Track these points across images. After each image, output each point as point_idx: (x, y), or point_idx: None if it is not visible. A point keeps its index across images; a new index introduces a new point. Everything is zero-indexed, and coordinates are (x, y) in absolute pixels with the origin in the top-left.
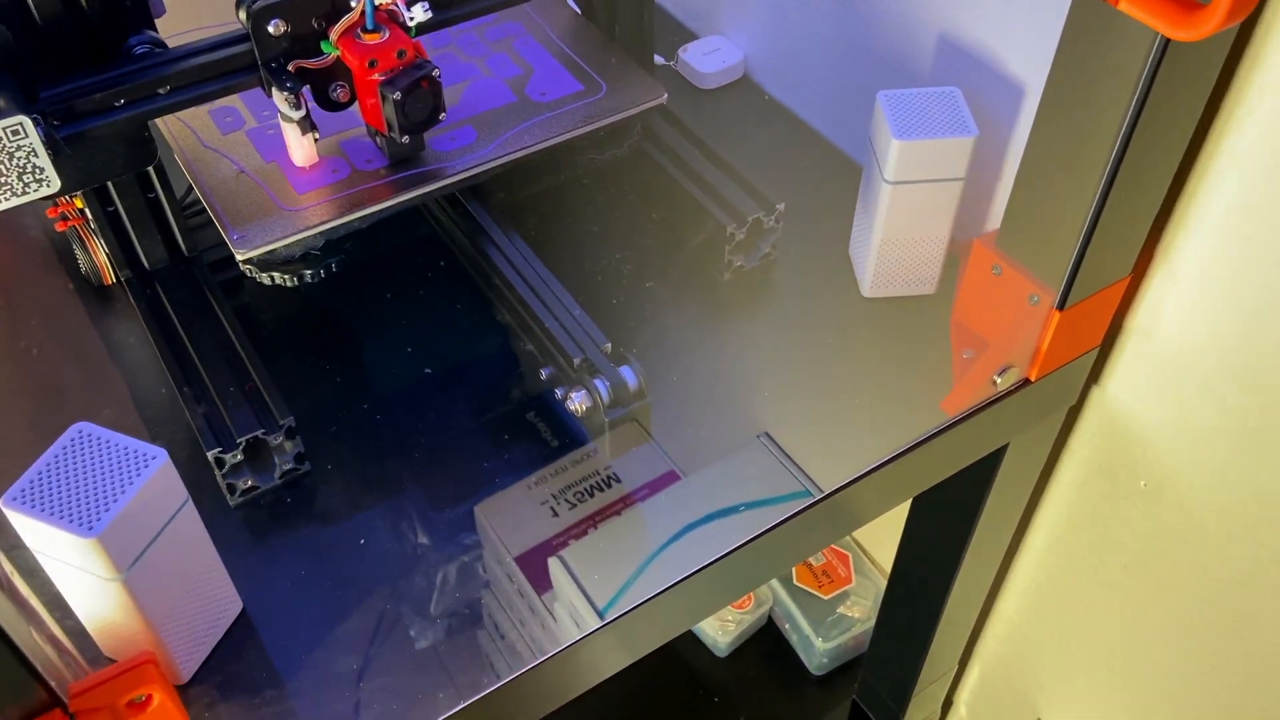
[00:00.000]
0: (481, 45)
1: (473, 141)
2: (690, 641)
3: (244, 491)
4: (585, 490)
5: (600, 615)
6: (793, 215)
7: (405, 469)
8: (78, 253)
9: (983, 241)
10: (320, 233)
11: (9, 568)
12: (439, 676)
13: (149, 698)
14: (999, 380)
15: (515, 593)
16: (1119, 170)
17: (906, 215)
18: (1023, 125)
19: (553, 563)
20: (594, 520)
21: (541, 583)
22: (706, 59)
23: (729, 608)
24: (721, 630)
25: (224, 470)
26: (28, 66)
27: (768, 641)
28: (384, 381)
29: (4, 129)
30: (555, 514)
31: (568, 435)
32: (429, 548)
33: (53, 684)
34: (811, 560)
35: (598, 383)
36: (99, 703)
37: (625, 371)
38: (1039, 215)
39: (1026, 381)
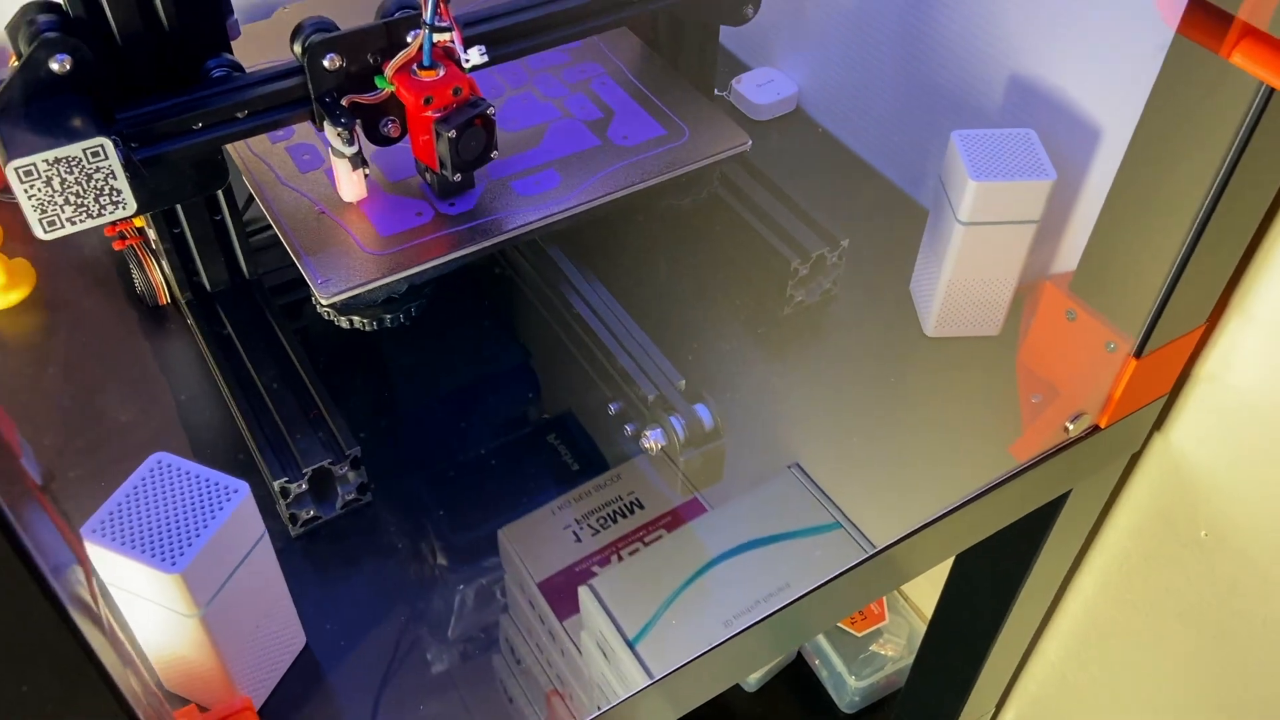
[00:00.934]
0: (560, 86)
1: (556, 186)
2: None
3: (305, 522)
4: (608, 515)
5: (630, 645)
6: (852, 251)
7: (464, 502)
8: (134, 272)
9: (1055, 284)
10: (404, 278)
11: (106, 608)
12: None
13: None
14: (1071, 427)
15: (536, 618)
16: (1210, 219)
17: (978, 256)
18: (1095, 167)
19: (583, 591)
20: (616, 547)
21: (563, 608)
22: (760, 90)
23: None
24: None
25: (289, 500)
26: (106, 88)
27: (798, 678)
28: (447, 415)
29: (84, 150)
30: (578, 539)
31: (589, 458)
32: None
33: None
34: None
35: (673, 420)
36: None
37: (700, 409)
38: (1120, 261)
39: (1096, 428)
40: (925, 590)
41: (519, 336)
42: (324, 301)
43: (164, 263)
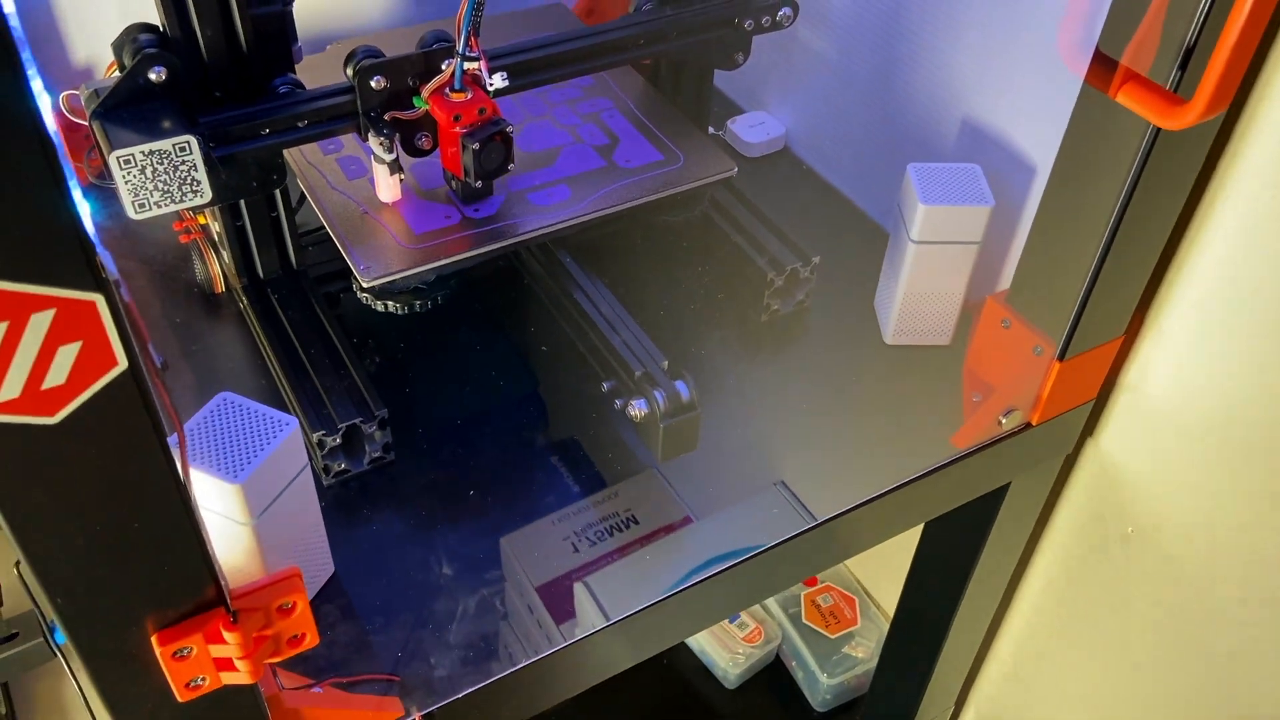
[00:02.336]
0: (574, 116)
1: (567, 199)
2: (701, 673)
3: (337, 473)
4: (605, 529)
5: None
6: (823, 269)
7: (474, 469)
8: (195, 263)
9: (994, 298)
10: (434, 269)
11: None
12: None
13: (294, 605)
14: (1004, 420)
15: (534, 623)
16: (1113, 241)
17: (928, 272)
18: (1033, 198)
19: (578, 587)
20: (612, 558)
21: (560, 613)
22: (752, 130)
23: (739, 640)
24: (732, 662)
25: (324, 452)
26: (192, 96)
27: (775, 677)
28: (461, 389)
29: (174, 145)
30: (576, 549)
31: (594, 472)
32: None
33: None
34: (820, 601)
35: (656, 393)
36: (256, 604)
37: (679, 385)
38: (1045, 276)
39: (1028, 425)
40: (895, 598)
41: (525, 324)
42: (365, 284)
43: (223, 254)
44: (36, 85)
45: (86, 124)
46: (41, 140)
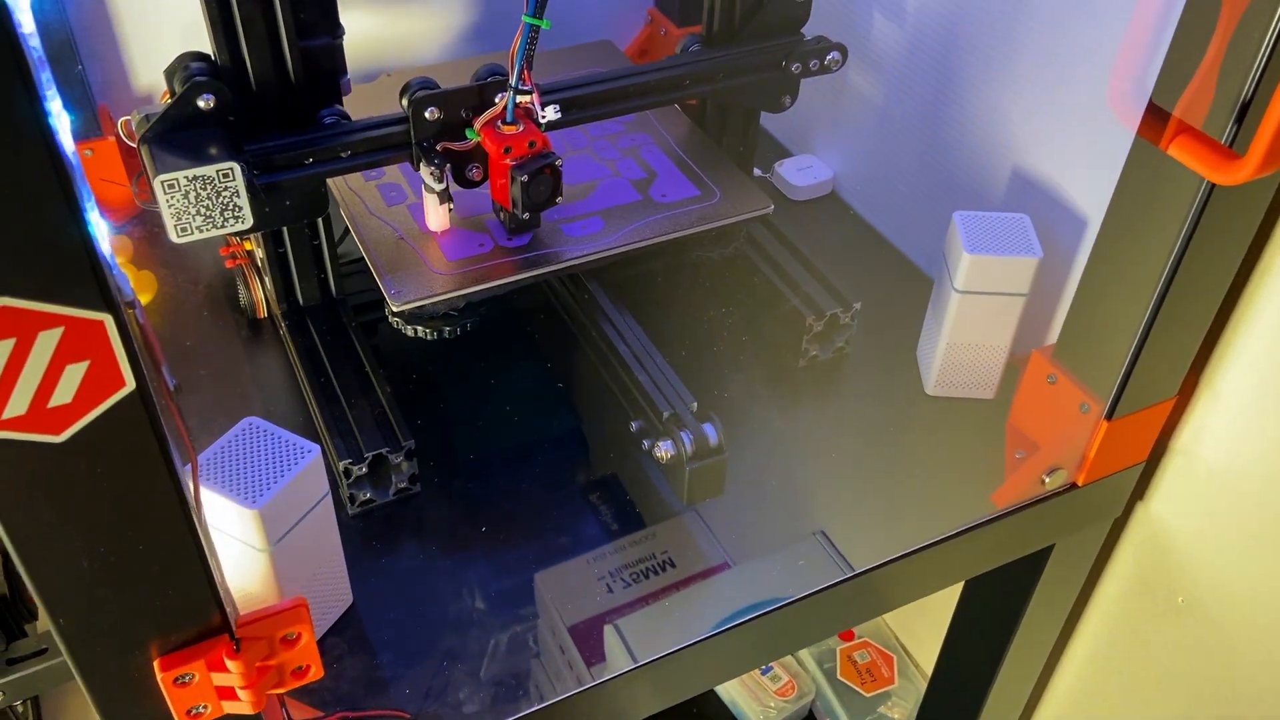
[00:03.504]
0: (614, 150)
1: (600, 230)
2: None
3: (362, 503)
4: (641, 571)
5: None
6: (866, 316)
7: (501, 504)
8: (240, 288)
9: (1041, 352)
10: (464, 295)
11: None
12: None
13: (299, 636)
14: (1047, 480)
15: (565, 663)
16: (1165, 297)
17: (972, 322)
18: (1083, 251)
19: (608, 630)
20: (646, 602)
21: (590, 653)
22: (799, 174)
23: (771, 693)
24: (763, 715)
25: (350, 481)
26: (239, 124)
27: None
28: (490, 421)
29: (217, 171)
30: (610, 590)
31: (634, 514)
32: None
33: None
34: (856, 657)
35: (683, 435)
36: (260, 634)
37: (708, 428)
38: (1094, 332)
39: (1074, 486)
40: (933, 654)
41: (557, 359)
42: (395, 308)
43: (266, 280)
44: (55, 105)
45: None
46: (54, 158)
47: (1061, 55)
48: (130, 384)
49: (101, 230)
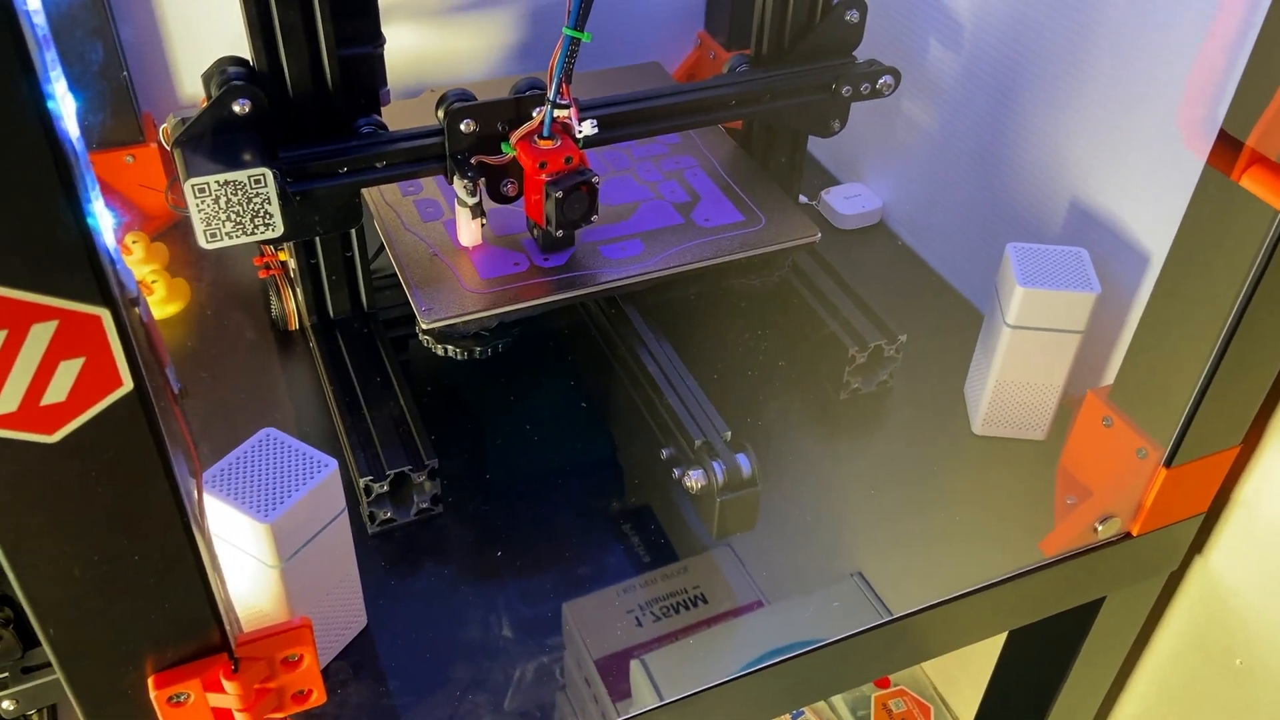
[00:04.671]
0: (657, 172)
1: (639, 253)
2: None
3: (382, 522)
4: (672, 605)
5: None
6: (912, 350)
7: (524, 529)
8: (272, 299)
9: (1096, 393)
10: (495, 315)
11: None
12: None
13: (301, 658)
14: (1100, 528)
15: (590, 696)
16: (1233, 339)
17: (1024, 360)
18: (1145, 288)
19: (634, 665)
20: (675, 637)
21: (616, 688)
22: (847, 202)
23: None
24: None
25: (370, 499)
26: (274, 130)
27: None
28: (518, 444)
29: (249, 177)
30: (639, 624)
31: (666, 546)
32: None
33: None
34: (892, 705)
35: (715, 465)
36: (259, 654)
37: (741, 458)
38: (1154, 373)
39: (1128, 535)
40: (974, 708)
41: (589, 382)
42: (425, 326)
43: (298, 292)
44: (59, 88)
45: None
46: (53, 146)
47: (1126, 82)
48: (128, 384)
49: (106, 223)
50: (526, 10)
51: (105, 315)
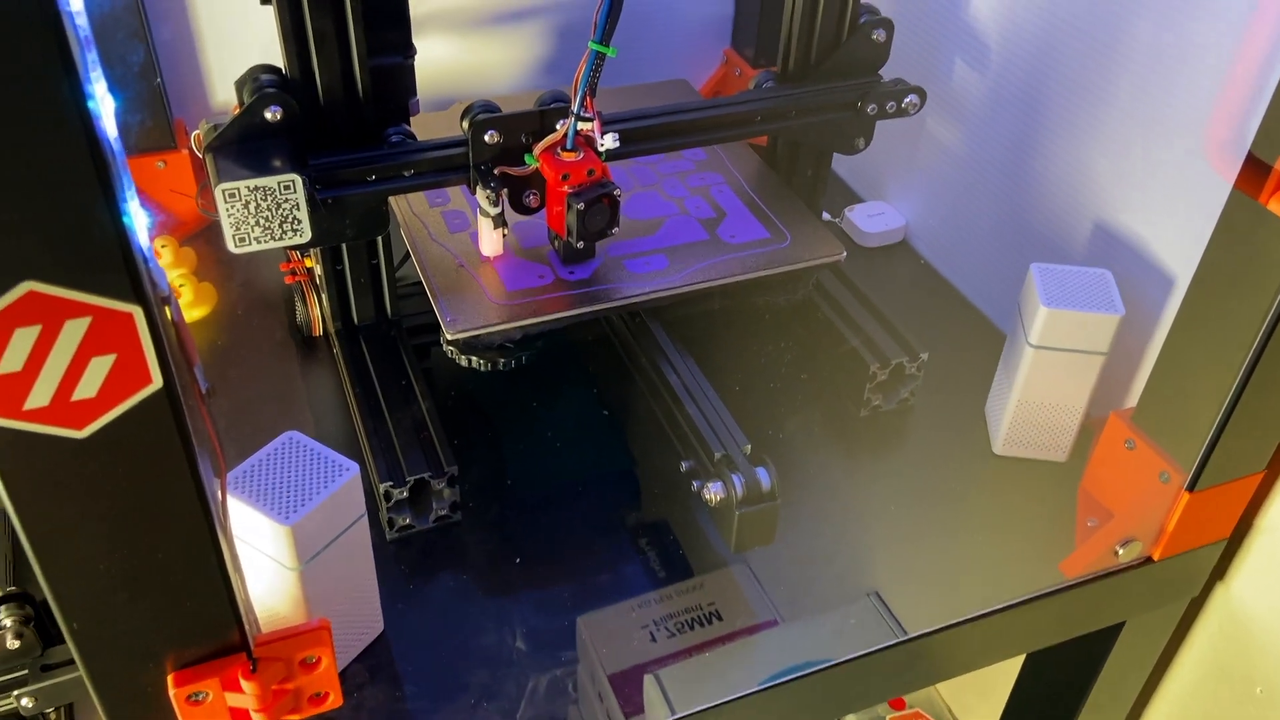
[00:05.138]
0: (683, 188)
1: (664, 268)
2: None
3: (401, 528)
4: (686, 621)
5: None
6: (933, 368)
7: (543, 539)
8: (297, 305)
9: (1119, 415)
10: (520, 327)
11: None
12: None
13: (319, 660)
14: (1121, 551)
15: (603, 711)
16: (1259, 362)
17: (1046, 380)
18: (1169, 310)
19: (647, 679)
20: (689, 653)
21: (630, 703)
22: (870, 220)
23: None
24: None
25: (389, 505)
26: (304, 137)
27: None
28: (537, 454)
29: (279, 183)
30: (654, 639)
31: (682, 561)
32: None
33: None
34: None
35: (734, 478)
36: (278, 655)
37: (760, 472)
38: (1177, 396)
39: (1149, 560)
40: None
41: (609, 394)
42: (449, 336)
43: (323, 298)
44: (99, 88)
45: None
46: (92, 145)
47: (1153, 103)
48: (158, 382)
49: (141, 222)
50: (553, 26)
51: (137, 313)
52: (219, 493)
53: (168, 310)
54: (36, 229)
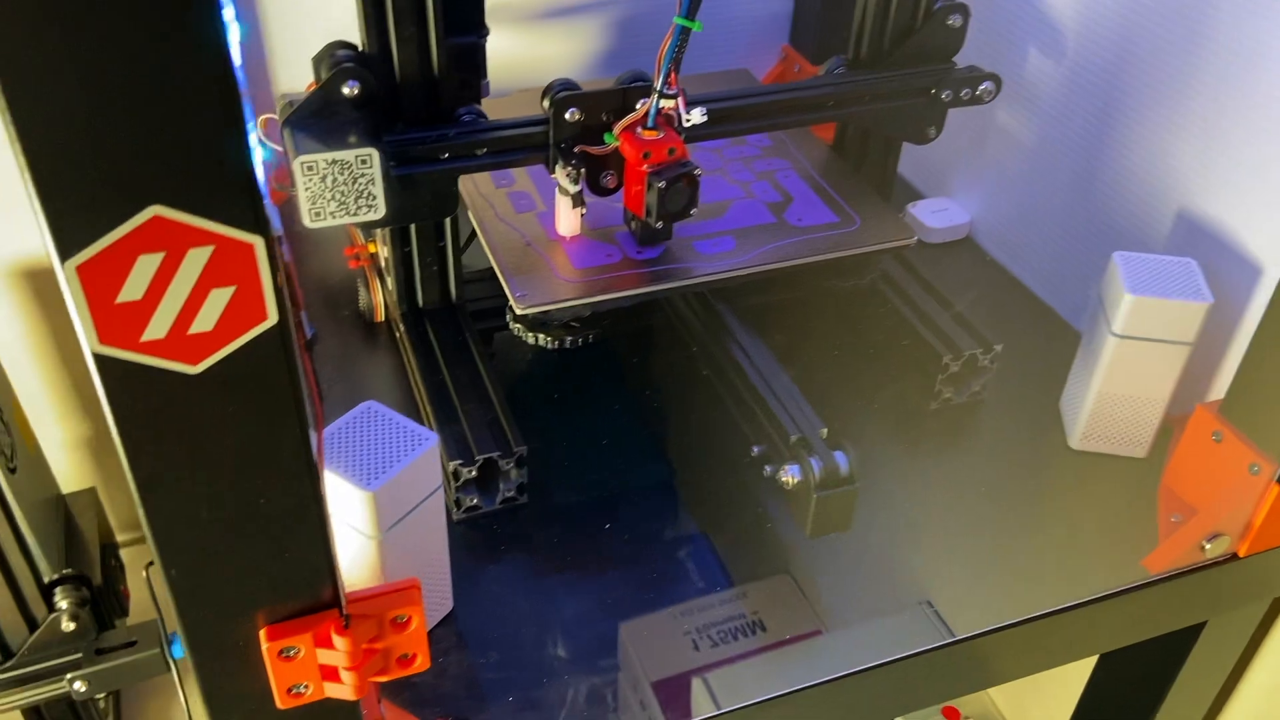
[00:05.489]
0: (748, 173)
1: (731, 249)
2: None
3: (468, 508)
4: (730, 631)
5: None
6: (1003, 363)
7: (606, 524)
8: (360, 291)
9: (1206, 407)
10: (590, 304)
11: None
12: None
13: (409, 619)
14: (1208, 546)
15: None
16: None
17: (1128, 371)
18: (1258, 300)
19: (696, 683)
20: (731, 662)
21: (672, 711)
22: (934, 216)
23: None
24: None
25: (458, 484)
26: (380, 113)
27: None
28: (604, 439)
29: (356, 157)
30: (696, 648)
31: (728, 558)
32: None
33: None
34: None
35: (812, 461)
36: (369, 611)
37: (839, 455)
38: (1268, 386)
39: (1234, 556)
40: None
41: (679, 377)
42: (519, 310)
43: (388, 282)
44: (229, 12)
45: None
46: (225, 68)
47: (1239, 88)
48: (273, 318)
49: (258, 154)
50: (615, 19)
51: (259, 243)
52: (317, 449)
53: (280, 249)
54: (166, 154)
